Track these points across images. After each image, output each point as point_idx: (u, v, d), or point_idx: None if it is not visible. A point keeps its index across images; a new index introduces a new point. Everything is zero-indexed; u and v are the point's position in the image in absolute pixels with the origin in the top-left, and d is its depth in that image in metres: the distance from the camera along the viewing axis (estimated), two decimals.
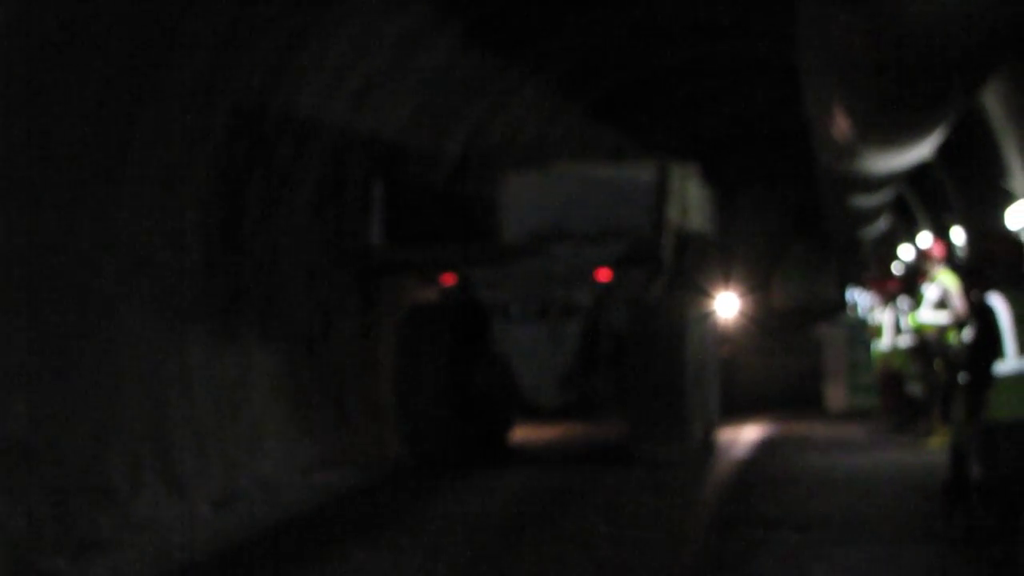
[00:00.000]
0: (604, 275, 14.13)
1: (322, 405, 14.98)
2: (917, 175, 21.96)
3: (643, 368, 13.86)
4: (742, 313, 19.65)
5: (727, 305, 17.85)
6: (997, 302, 8.49)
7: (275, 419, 13.90)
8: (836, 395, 18.24)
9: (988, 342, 8.51)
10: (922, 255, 16.05)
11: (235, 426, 13.21)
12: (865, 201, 22.53)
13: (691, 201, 15.50)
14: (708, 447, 14.88)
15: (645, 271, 14.24)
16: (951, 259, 20.52)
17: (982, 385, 8.51)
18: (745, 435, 16.66)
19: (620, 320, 14.40)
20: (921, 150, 13.62)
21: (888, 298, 16.54)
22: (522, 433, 16.39)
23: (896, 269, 32.52)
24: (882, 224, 31.15)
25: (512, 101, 19.82)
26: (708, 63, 23.69)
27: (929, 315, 15.16)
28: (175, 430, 12.05)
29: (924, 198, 28.01)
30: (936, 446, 14.11)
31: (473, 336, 14.62)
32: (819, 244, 42.06)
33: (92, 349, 10.91)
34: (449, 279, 14.62)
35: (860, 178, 16.05)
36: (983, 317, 8.56)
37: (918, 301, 15.55)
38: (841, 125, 11.73)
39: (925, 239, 29.72)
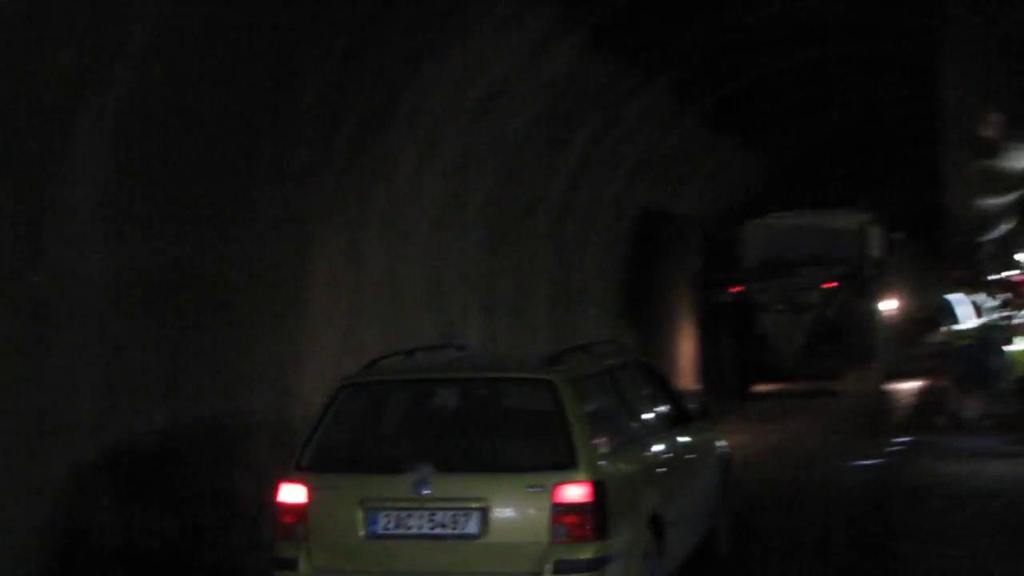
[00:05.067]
0: (828, 285, 23.17)
1: None
2: None
3: (852, 339, 23.01)
4: (897, 310, 28.02)
5: (889, 306, 26.42)
6: None
7: None
8: (969, 403, 17.56)
9: None
10: None
11: None
12: (994, 202, 21.96)
13: (872, 238, 24.85)
14: (883, 392, 23.79)
15: (851, 284, 23.29)
16: None
17: None
18: (903, 386, 24.76)
19: (835, 313, 23.18)
20: None
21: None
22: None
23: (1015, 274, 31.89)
24: (1003, 227, 30.28)
25: (628, 108, 19.57)
26: (821, 66, 23.27)
27: None
28: None
29: None
30: None
31: (747, 324, 23.62)
32: (927, 249, 41.32)
33: (224, 360, 10.84)
34: (735, 289, 23.84)
35: (1000, 177, 15.61)
36: None
37: None
38: (993, 121, 11.35)
39: None
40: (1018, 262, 37.51)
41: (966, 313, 18.19)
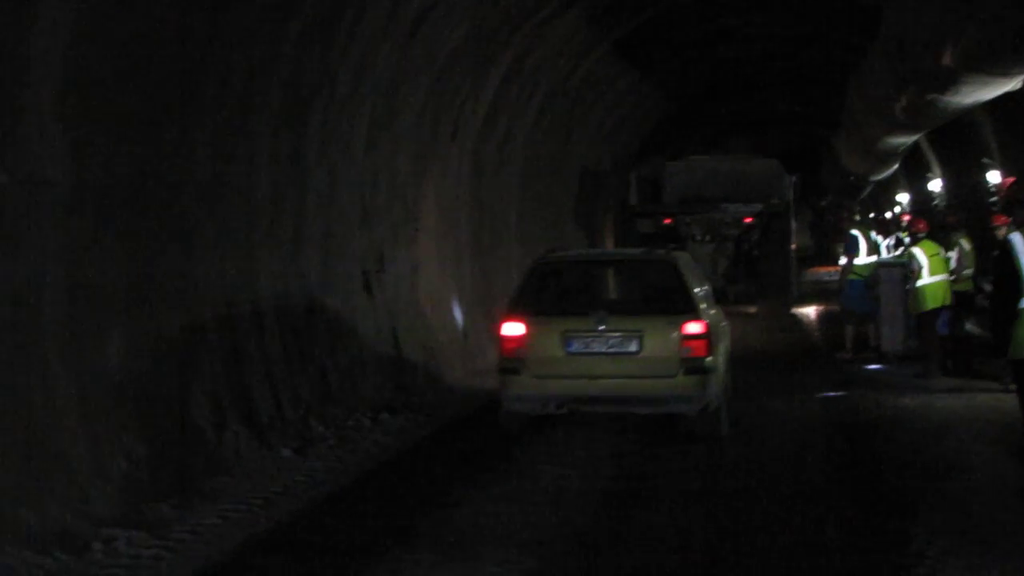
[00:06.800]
0: (748, 220, 27.06)
1: None
2: None
3: (767, 268, 26.58)
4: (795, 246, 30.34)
5: (792, 242, 29.02)
6: (1018, 240, 8.39)
7: None
8: (893, 336, 17.47)
9: (1009, 279, 8.35)
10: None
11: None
12: (901, 141, 22.03)
13: (783, 181, 28.11)
14: (792, 315, 26.07)
15: (766, 221, 27.04)
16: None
17: (1006, 321, 8.36)
18: (805, 311, 27.21)
19: (752, 245, 27.18)
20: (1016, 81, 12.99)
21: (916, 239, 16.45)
22: None
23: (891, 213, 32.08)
24: (892, 168, 30.58)
25: (547, 34, 19.11)
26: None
27: None
28: (252, 372, 11.32)
29: (940, 142, 27.50)
30: None
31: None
32: (812, 189, 41.74)
33: (172, 281, 10.16)
34: (668, 220, 27.44)
35: (936, 112, 15.53)
36: (1004, 254, 8.45)
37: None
38: (953, 50, 11.19)
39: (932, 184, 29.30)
40: (899, 202, 38.14)
41: (864, 250, 18.28)
